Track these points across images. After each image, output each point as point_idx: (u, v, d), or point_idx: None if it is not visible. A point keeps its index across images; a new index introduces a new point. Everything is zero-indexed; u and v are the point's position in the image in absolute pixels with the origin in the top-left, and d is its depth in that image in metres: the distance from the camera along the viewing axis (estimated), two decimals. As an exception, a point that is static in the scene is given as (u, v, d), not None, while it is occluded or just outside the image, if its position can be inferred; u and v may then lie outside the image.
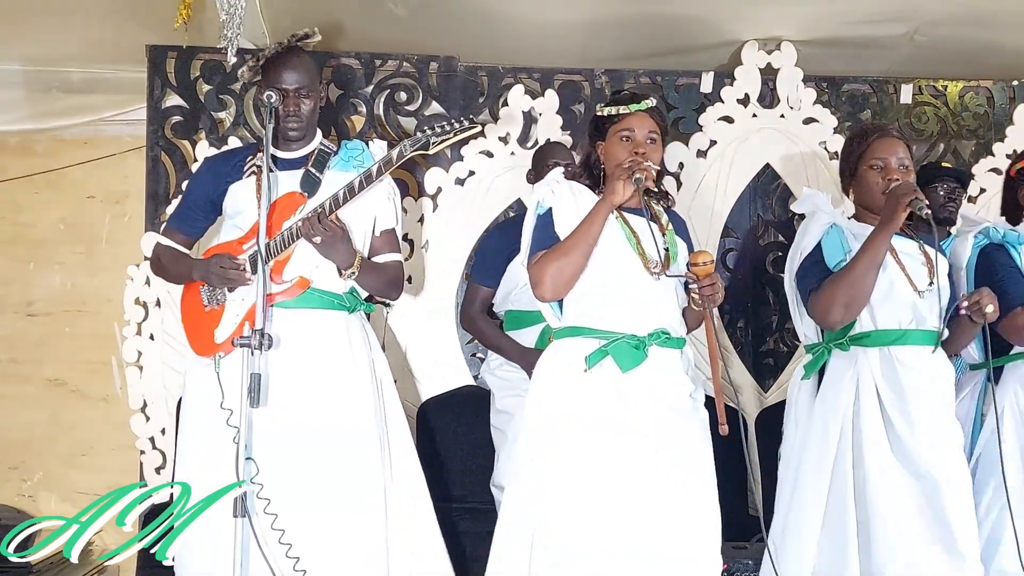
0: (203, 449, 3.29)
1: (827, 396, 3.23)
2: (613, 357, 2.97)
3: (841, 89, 4.94)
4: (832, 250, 3.26)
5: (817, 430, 3.21)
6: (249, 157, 3.56)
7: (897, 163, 3.24)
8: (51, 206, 5.12)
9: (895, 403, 3.14)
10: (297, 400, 3.29)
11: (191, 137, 4.70)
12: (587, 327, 3.03)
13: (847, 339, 3.23)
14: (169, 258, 3.61)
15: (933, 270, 3.22)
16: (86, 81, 4.96)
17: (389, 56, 4.80)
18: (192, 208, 3.62)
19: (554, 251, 3.01)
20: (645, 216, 3.01)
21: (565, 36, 4.65)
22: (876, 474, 3.09)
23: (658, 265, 3.03)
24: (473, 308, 4.29)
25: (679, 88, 4.89)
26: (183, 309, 3.58)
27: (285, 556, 3.16)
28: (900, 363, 3.16)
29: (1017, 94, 4.98)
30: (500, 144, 4.76)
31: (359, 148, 3.60)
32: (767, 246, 4.90)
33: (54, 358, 5.10)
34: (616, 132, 3.10)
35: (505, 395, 4.15)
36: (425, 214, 4.72)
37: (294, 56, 3.47)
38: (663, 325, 3.02)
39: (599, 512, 2.91)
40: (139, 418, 4.58)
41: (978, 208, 4.81)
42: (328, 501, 3.27)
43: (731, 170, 4.79)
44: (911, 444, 3.10)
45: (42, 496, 5.04)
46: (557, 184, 3.14)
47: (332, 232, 3.30)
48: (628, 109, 3.10)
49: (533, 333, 4.09)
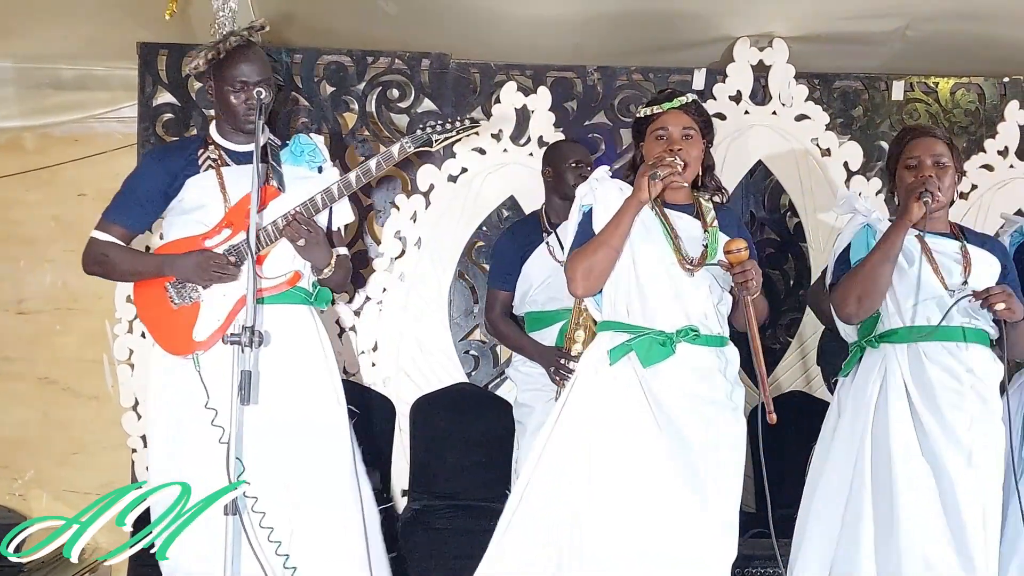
0: (185, 448, 3.28)
1: (856, 393, 3.26)
2: (636, 352, 3.00)
3: (833, 86, 4.95)
4: (858, 249, 3.29)
5: (845, 426, 3.23)
6: (200, 150, 3.51)
7: (932, 160, 3.25)
8: (42, 204, 5.10)
9: (923, 400, 3.14)
10: (281, 396, 3.29)
11: (182, 134, 4.67)
12: (618, 322, 3.07)
13: (875, 337, 3.25)
14: (119, 253, 3.48)
15: (968, 268, 3.21)
16: (77, 78, 4.94)
17: (381, 53, 4.79)
18: (141, 202, 3.51)
19: (584, 249, 3.06)
20: (684, 210, 3.07)
21: (558, 33, 4.64)
22: (902, 469, 3.09)
23: (693, 261, 3.05)
24: (494, 312, 4.32)
25: (671, 85, 4.88)
26: (142, 307, 3.49)
27: (275, 554, 3.16)
28: (929, 360, 3.16)
29: (1008, 90, 4.98)
30: (493, 141, 4.75)
31: (311, 144, 3.59)
32: (760, 243, 4.89)
33: (45, 356, 5.09)
34: (652, 131, 3.15)
35: (525, 389, 4.19)
36: (418, 211, 4.71)
37: (249, 50, 3.45)
38: (693, 322, 3.03)
39: (612, 508, 2.92)
40: (130, 416, 4.56)
41: (969, 205, 4.82)
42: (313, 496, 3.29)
43: (723, 167, 4.78)
44: (938, 442, 3.10)
45: (33, 494, 5.03)
46: (598, 183, 3.18)
47: (315, 234, 3.31)
48: (661, 108, 3.14)
49: (553, 332, 4.11)
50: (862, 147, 4.81)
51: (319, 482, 3.32)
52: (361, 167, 3.37)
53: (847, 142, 4.86)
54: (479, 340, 4.81)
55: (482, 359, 4.78)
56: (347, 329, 4.64)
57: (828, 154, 4.81)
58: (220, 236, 3.38)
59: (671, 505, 2.93)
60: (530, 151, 4.72)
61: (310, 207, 3.35)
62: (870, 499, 3.12)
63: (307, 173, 3.53)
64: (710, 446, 2.99)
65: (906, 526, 3.05)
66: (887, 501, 3.09)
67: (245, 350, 3.05)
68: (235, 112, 3.41)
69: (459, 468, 4.54)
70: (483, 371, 4.78)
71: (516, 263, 4.22)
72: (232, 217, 3.36)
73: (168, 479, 3.28)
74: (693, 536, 2.94)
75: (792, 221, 4.90)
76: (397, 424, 4.63)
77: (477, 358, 4.77)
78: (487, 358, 4.79)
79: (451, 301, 4.75)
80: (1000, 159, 4.88)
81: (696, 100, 3.21)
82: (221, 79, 3.42)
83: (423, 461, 4.59)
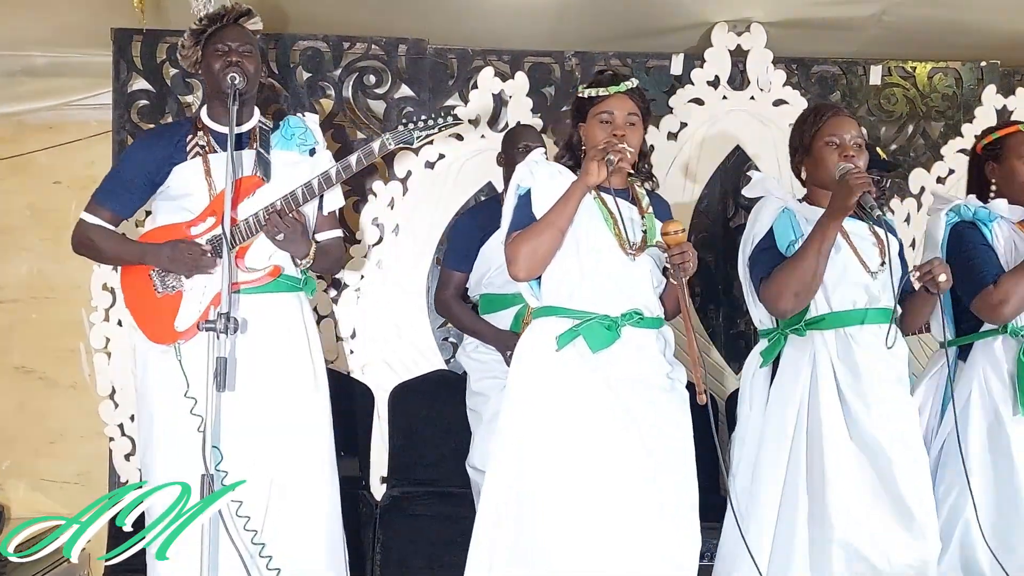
0: (169, 438, 3.26)
1: (784, 382, 3.22)
2: (584, 337, 2.97)
3: (811, 71, 4.95)
4: (783, 235, 3.25)
5: (775, 417, 3.21)
6: (188, 136, 3.45)
7: (851, 140, 3.24)
8: (17, 192, 5.07)
9: (851, 384, 3.14)
10: (264, 387, 3.27)
11: (158, 121, 4.65)
12: (561, 307, 3.04)
13: (803, 324, 3.23)
14: (105, 238, 3.46)
15: (884, 250, 3.22)
16: (51, 65, 4.90)
17: (357, 39, 4.77)
18: (128, 186, 3.47)
19: (528, 231, 3.01)
20: (620, 195, 3.02)
21: (535, 18, 4.63)
22: (833, 456, 3.09)
23: (634, 246, 3.04)
24: (447, 292, 4.27)
25: (649, 70, 4.89)
26: (128, 294, 3.46)
27: (251, 543, 3.15)
28: (856, 343, 3.16)
29: (986, 75, 4.99)
30: (470, 127, 4.74)
31: (301, 126, 3.54)
32: (738, 228, 4.89)
33: (21, 345, 5.06)
34: (596, 114, 3.09)
35: (480, 377, 4.15)
36: (395, 198, 4.70)
37: (235, 25, 3.43)
38: (636, 306, 3.02)
39: (575, 492, 2.90)
40: (108, 405, 4.54)
41: (948, 189, 4.83)
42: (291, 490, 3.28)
43: (701, 152, 4.80)
44: (866, 424, 3.11)
45: (10, 484, 5.00)
46: (536, 165, 3.14)
47: (294, 228, 3.28)
48: (607, 91, 3.09)
49: (508, 315, 4.09)
50: (840, 132, 4.80)
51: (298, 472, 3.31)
52: (342, 163, 3.33)
53: (825, 127, 4.85)
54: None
55: (460, 346, 4.76)
56: (324, 316, 4.63)
57: (806, 139, 4.80)
58: (204, 224, 3.35)
59: (628, 489, 2.91)
60: (508, 137, 4.70)
61: (291, 200, 3.32)
62: (806, 495, 3.12)
63: (298, 158, 3.48)
64: (657, 427, 2.98)
65: (849, 513, 3.06)
66: (822, 493, 3.09)
67: (221, 336, 3.02)
68: (216, 76, 3.34)
69: (438, 455, 4.54)
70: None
71: (475, 245, 4.18)
72: (216, 206, 3.33)
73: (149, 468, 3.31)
74: (652, 521, 2.93)
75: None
76: (376, 411, 4.63)
77: (455, 345, 4.75)
78: (465, 345, 4.77)
79: (429, 288, 4.73)
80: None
81: (639, 85, 3.16)
82: (207, 52, 3.38)
83: (402, 448, 4.59)
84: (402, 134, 3.31)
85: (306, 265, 3.44)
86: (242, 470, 3.17)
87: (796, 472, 3.14)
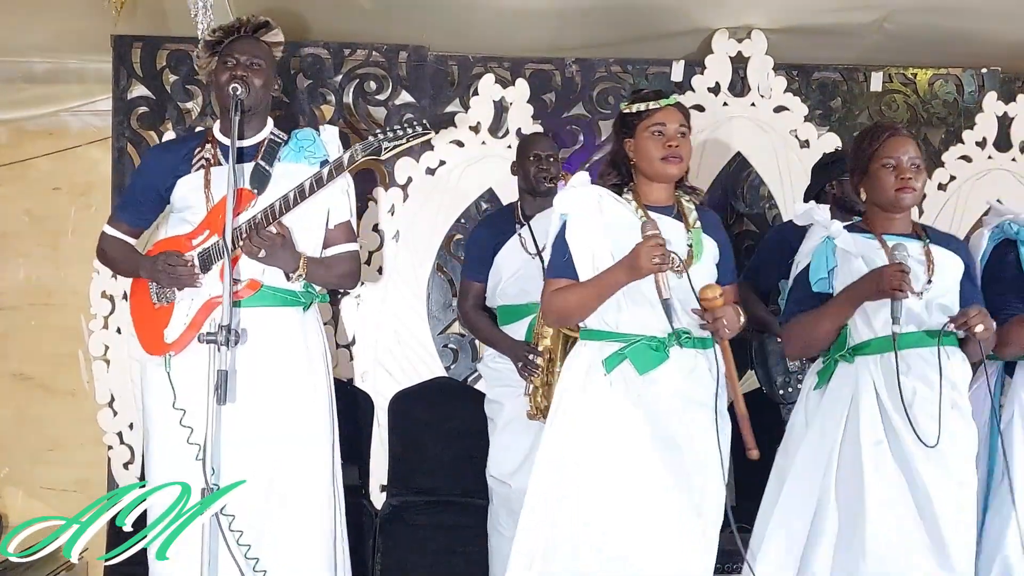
0: (162, 450, 3.25)
1: (826, 406, 3.18)
2: (630, 359, 2.95)
3: (811, 77, 4.95)
4: (817, 269, 3.22)
5: (814, 438, 3.18)
6: (197, 149, 3.43)
7: (909, 162, 3.21)
8: (16, 198, 5.05)
9: (898, 407, 3.06)
10: (253, 402, 3.23)
11: (157, 128, 4.66)
12: (607, 331, 3.01)
13: (848, 351, 3.18)
14: (117, 250, 3.51)
15: (931, 268, 3.17)
16: (51, 71, 4.89)
17: (358, 45, 4.77)
18: (139, 199, 3.50)
19: (568, 292, 3.01)
20: (666, 212, 3.04)
21: (535, 25, 4.62)
22: (873, 479, 3.04)
23: (680, 264, 2.98)
24: (466, 303, 4.27)
25: (649, 77, 4.88)
26: (133, 305, 3.47)
27: (244, 557, 3.13)
28: (902, 368, 3.06)
29: (986, 82, 4.99)
30: (471, 133, 4.74)
31: (310, 138, 3.47)
32: (739, 235, 4.89)
33: (20, 352, 5.04)
34: (647, 127, 3.06)
35: (495, 385, 4.16)
36: (395, 204, 4.69)
37: (250, 38, 3.40)
38: (684, 325, 2.99)
39: (612, 514, 2.91)
40: (106, 412, 4.54)
41: (948, 196, 4.83)
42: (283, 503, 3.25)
43: (702, 159, 4.78)
44: (911, 449, 3.03)
45: (8, 492, 4.99)
46: (575, 191, 3.10)
47: (271, 243, 3.22)
48: (659, 104, 3.08)
49: (524, 326, 4.07)
50: (841, 138, 4.80)
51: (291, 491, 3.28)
52: (315, 175, 3.28)
53: (826, 133, 4.86)
54: (458, 334, 4.79)
55: (461, 353, 4.76)
56: (325, 323, 4.61)
57: (807, 145, 4.80)
58: (202, 236, 3.34)
59: (670, 514, 2.92)
60: (508, 143, 4.70)
61: (269, 214, 3.27)
62: (835, 516, 3.09)
63: (306, 170, 3.41)
64: (698, 449, 2.97)
65: (884, 540, 3.02)
66: (861, 515, 3.06)
67: (221, 349, 3.00)
68: (221, 87, 3.32)
69: (438, 463, 4.53)
70: (462, 365, 4.76)
71: (489, 254, 4.17)
72: (212, 218, 3.31)
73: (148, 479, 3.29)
74: (689, 543, 2.93)
75: (771, 213, 4.90)
76: (375, 419, 4.62)
77: (456, 352, 4.75)
78: (466, 352, 4.77)
79: (429, 295, 4.74)
80: (978, 150, 4.90)
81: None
82: (217, 64, 3.36)
83: (402, 456, 4.58)
84: (371, 145, 3.25)
85: (299, 279, 3.37)
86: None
87: (826, 500, 3.10)
